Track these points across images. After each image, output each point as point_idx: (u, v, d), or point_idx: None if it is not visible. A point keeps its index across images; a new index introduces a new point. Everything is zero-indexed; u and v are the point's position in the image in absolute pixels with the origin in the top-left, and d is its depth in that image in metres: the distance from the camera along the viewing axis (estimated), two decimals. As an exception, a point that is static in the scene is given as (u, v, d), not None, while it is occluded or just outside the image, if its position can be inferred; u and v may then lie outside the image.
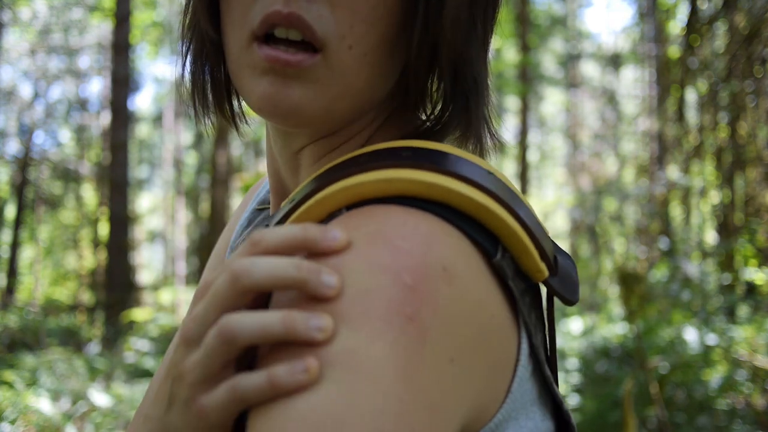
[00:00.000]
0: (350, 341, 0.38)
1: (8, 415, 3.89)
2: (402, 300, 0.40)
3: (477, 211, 0.46)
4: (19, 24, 13.49)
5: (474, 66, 0.55)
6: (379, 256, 0.41)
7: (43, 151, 15.05)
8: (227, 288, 0.41)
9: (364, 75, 0.52)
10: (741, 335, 4.09)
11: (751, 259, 5.09)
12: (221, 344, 0.40)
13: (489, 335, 0.45)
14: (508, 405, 0.47)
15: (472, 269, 0.45)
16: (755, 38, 4.62)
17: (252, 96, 0.52)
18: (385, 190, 0.47)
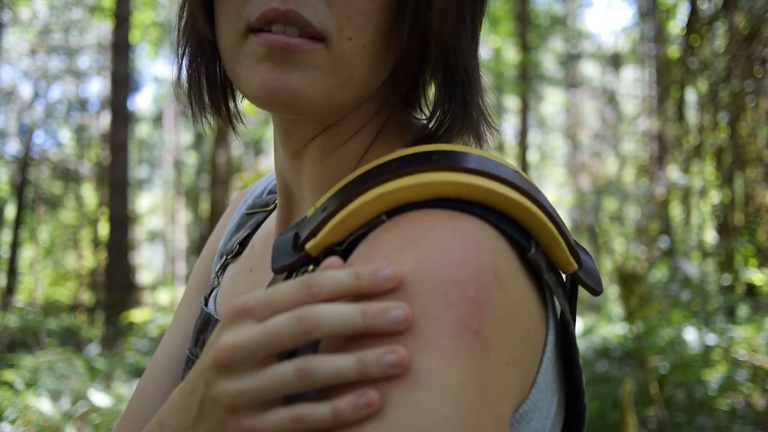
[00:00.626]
0: (425, 361, 0.40)
1: (8, 415, 3.89)
2: (469, 315, 0.41)
3: (511, 208, 0.48)
4: (19, 24, 13.49)
5: (464, 57, 0.56)
6: (443, 271, 0.43)
7: (43, 151, 15.06)
8: (294, 333, 0.42)
9: (363, 65, 0.53)
10: (741, 335, 4.09)
11: (751, 259, 5.09)
12: (299, 379, 0.41)
13: (529, 332, 0.47)
14: (534, 395, 0.49)
15: (513, 270, 0.47)
16: (755, 38, 4.62)
17: (250, 85, 0.52)
18: (423, 194, 0.47)
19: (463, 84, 0.56)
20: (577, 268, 0.53)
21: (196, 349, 0.66)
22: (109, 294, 9.35)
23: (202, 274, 0.78)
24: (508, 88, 11.06)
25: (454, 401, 0.39)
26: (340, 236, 0.49)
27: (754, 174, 5.88)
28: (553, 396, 0.52)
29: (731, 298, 5.25)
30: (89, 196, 16.28)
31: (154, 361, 0.74)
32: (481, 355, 0.41)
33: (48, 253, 16.32)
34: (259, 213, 0.75)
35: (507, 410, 0.43)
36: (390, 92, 0.60)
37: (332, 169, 0.59)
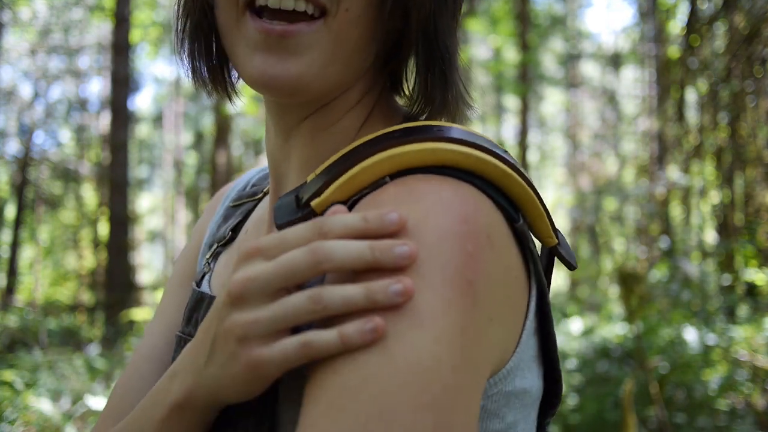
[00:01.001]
0: (426, 301, 0.43)
1: (8, 415, 3.89)
2: (466, 266, 0.45)
3: (503, 180, 0.52)
4: (19, 24, 13.49)
5: (444, 34, 0.58)
6: (447, 224, 0.46)
7: (43, 151, 15.05)
8: (307, 264, 0.44)
9: (355, 37, 0.55)
10: (741, 335, 4.09)
11: (751, 260, 5.09)
12: (311, 305, 0.44)
13: (513, 294, 0.51)
14: (517, 355, 0.52)
15: (503, 235, 0.50)
16: (755, 38, 4.62)
17: (247, 70, 0.55)
18: (426, 160, 0.51)
19: (443, 59, 0.58)
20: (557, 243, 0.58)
21: (188, 328, 0.67)
22: (109, 294, 9.35)
23: (186, 268, 0.79)
24: (508, 88, 11.06)
25: (445, 342, 0.42)
26: (345, 195, 0.52)
27: (754, 174, 5.88)
28: (534, 361, 0.56)
29: (731, 298, 5.25)
30: (89, 196, 16.28)
31: (137, 350, 0.74)
32: (471, 304, 0.44)
33: (48, 253, 16.31)
34: (247, 203, 0.77)
35: (485, 360, 0.47)
36: (377, 75, 0.62)
37: (326, 145, 0.62)
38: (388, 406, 0.40)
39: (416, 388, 0.40)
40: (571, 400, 4.27)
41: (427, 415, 0.40)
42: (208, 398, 0.49)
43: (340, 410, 0.41)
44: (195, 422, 0.51)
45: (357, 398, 0.40)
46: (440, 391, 0.41)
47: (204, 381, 0.49)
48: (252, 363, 0.45)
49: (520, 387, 0.53)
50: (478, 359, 0.45)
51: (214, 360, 0.48)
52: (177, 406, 0.51)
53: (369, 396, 0.40)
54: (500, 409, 0.52)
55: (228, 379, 0.47)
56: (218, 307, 0.48)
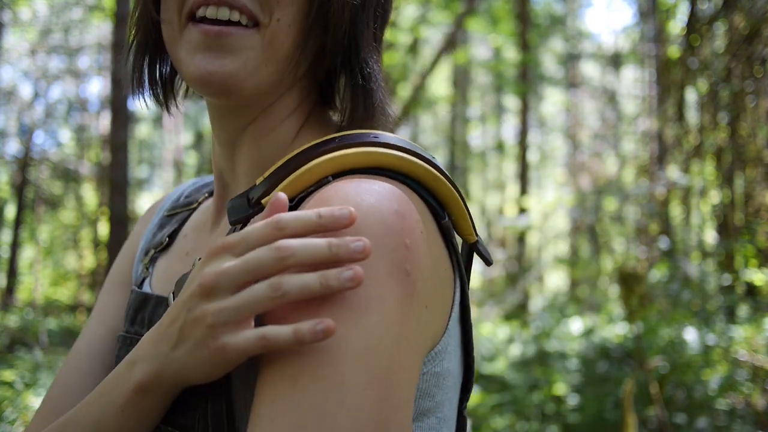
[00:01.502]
0: (372, 291, 0.48)
1: (8, 415, 3.89)
2: (404, 259, 0.50)
3: (432, 182, 0.58)
4: (19, 24, 13.48)
5: (365, 51, 0.65)
6: (389, 219, 0.51)
7: (43, 151, 15.04)
8: (273, 261, 0.49)
9: (288, 43, 0.61)
10: (741, 335, 4.09)
11: (751, 260, 5.09)
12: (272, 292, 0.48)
13: (442, 284, 0.57)
14: (444, 339, 0.58)
15: (431, 231, 0.57)
16: (755, 38, 4.61)
17: (189, 69, 0.60)
18: (364, 162, 0.57)
19: (362, 73, 0.65)
20: (477, 240, 0.65)
21: (133, 327, 0.71)
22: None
23: (122, 273, 0.83)
24: (509, 88, 11.05)
25: (389, 325, 0.48)
26: (292, 193, 0.58)
27: (754, 174, 5.88)
28: (457, 346, 0.62)
29: (731, 298, 5.25)
30: (89, 196, 16.27)
31: (75, 348, 0.77)
32: (409, 293, 0.50)
33: (48, 253, 16.31)
34: (182, 212, 0.82)
35: (421, 342, 0.53)
36: (310, 88, 0.69)
37: (266, 151, 0.67)
38: (342, 384, 0.45)
39: (364, 367, 0.46)
40: (571, 400, 4.27)
41: (374, 391, 0.46)
42: (173, 381, 0.53)
43: (303, 387, 0.46)
44: (156, 404, 0.55)
45: (316, 374, 0.46)
46: (386, 370, 0.47)
47: (170, 364, 0.52)
48: (218, 348, 0.49)
49: (446, 368, 0.59)
50: (417, 342, 0.52)
51: (183, 346, 0.51)
52: (139, 390, 0.54)
53: (326, 372, 0.46)
54: (431, 389, 0.58)
55: (194, 363, 0.51)
56: (186, 298, 0.52)
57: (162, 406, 0.55)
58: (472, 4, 7.96)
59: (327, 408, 0.44)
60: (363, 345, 0.47)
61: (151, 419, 0.56)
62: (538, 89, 17.12)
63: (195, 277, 0.53)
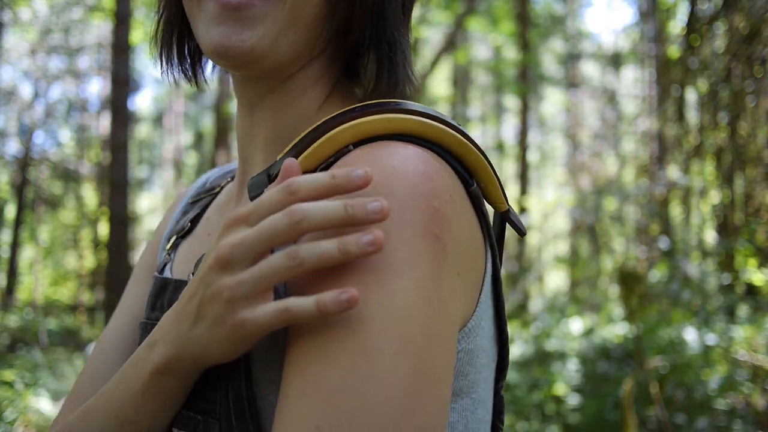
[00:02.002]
0: (400, 253, 0.46)
1: (8, 415, 3.89)
2: (433, 221, 0.48)
3: (458, 148, 0.55)
4: (19, 24, 13.48)
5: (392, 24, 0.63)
6: (416, 180, 0.49)
7: (43, 151, 15.04)
8: (286, 227, 0.47)
9: (306, 12, 0.59)
10: (741, 335, 4.09)
11: (751, 259, 5.09)
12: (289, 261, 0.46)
13: (475, 253, 0.54)
14: (478, 313, 0.55)
15: (462, 197, 0.54)
16: (755, 38, 4.61)
17: (205, 41, 0.58)
18: (386, 128, 0.54)
19: (390, 45, 0.63)
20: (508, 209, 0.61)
21: (153, 313, 0.69)
22: (109, 294, 9.34)
23: (149, 261, 0.82)
24: (509, 88, 11.05)
25: (420, 289, 0.45)
26: (312, 165, 0.55)
27: (754, 174, 5.88)
28: (491, 321, 0.59)
29: (731, 298, 5.24)
30: (89, 196, 16.27)
31: (102, 339, 0.77)
32: (440, 257, 0.48)
33: (48, 253, 16.30)
34: (205, 197, 0.80)
35: (455, 312, 0.50)
36: (334, 60, 0.66)
37: (286, 122, 0.65)
38: (370, 354, 0.43)
39: (394, 335, 0.43)
40: (571, 400, 4.27)
41: (405, 360, 0.43)
42: (193, 361, 0.51)
43: (330, 358, 0.44)
44: (176, 387, 0.53)
45: (344, 345, 0.44)
46: (418, 336, 0.44)
47: (189, 344, 0.51)
48: (237, 324, 0.47)
49: (479, 345, 0.56)
50: (452, 310, 0.48)
51: (201, 323, 0.50)
52: (157, 372, 0.52)
53: (354, 343, 0.43)
54: (464, 367, 0.55)
55: (214, 341, 0.49)
56: (203, 274, 0.50)
57: (182, 388, 0.54)
58: (472, 4, 7.96)
59: (355, 381, 0.42)
60: (391, 310, 0.44)
61: (172, 402, 0.54)
62: (538, 89, 17.12)
63: (211, 251, 0.51)
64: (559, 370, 4.64)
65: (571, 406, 4.20)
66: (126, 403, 0.54)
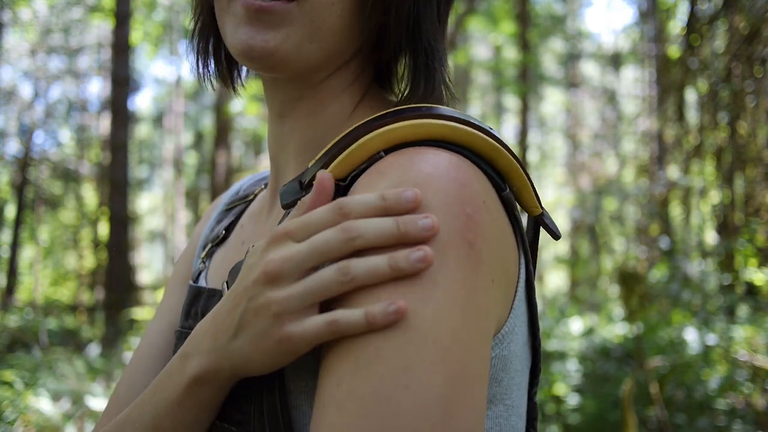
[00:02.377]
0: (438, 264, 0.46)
1: (8, 415, 3.89)
2: (467, 228, 0.48)
3: (490, 152, 0.55)
4: (19, 24, 13.48)
5: (428, 30, 0.63)
6: (447, 187, 0.49)
7: (43, 151, 15.04)
8: (340, 243, 0.48)
9: (330, 21, 0.59)
10: (741, 335, 4.09)
11: (751, 259, 5.09)
12: (340, 276, 0.47)
13: (509, 259, 0.54)
14: (512, 319, 0.55)
15: (494, 202, 0.54)
16: (755, 38, 4.61)
17: (232, 42, 0.60)
18: (417, 135, 0.54)
19: (426, 52, 0.62)
20: (542, 212, 0.61)
21: (188, 322, 0.70)
22: (109, 294, 9.34)
23: (184, 270, 0.83)
24: (509, 88, 11.05)
25: (455, 298, 0.46)
26: (344, 172, 0.55)
27: (754, 174, 5.88)
28: (524, 327, 0.59)
29: (731, 298, 5.25)
30: (89, 196, 16.27)
31: (139, 348, 0.77)
32: (474, 265, 0.48)
33: (48, 253, 16.30)
34: (239, 205, 0.81)
35: (489, 319, 0.50)
36: (365, 66, 0.67)
37: (317, 129, 0.65)
38: (407, 364, 0.43)
39: (430, 345, 0.44)
40: (571, 400, 4.27)
41: (441, 370, 0.43)
42: (231, 372, 0.52)
43: (365, 368, 0.44)
44: (212, 398, 0.53)
45: (380, 354, 0.44)
46: (453, 347, 0.44)
47: (229, 356, 0.51)
48: (284, 338, 0.48)
49: (513, 351, 0.56)
50: (486, 318, 0.48)
51: (242, 335, 0.50)
52: (194, 383, 0.53)
53: (390, 352, 0.44)
54: (498, 373, 0.55)
55: (257, 354, 0.49)
56: (246, 286, 0.50)
57: (218, 399, 0.54)
58: (472, 4, 7.95)
59: (390, 391, 0.42)
60: (426, 320, 0.44)
61: (208, 413, 0.54)
62: (538, 89, 17.12)
63: (256, 264, 0.51)
64: (559, 370, 4.64)
65: (571, 406, 4.20)
66: (161, 414, 0.54)
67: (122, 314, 8.06)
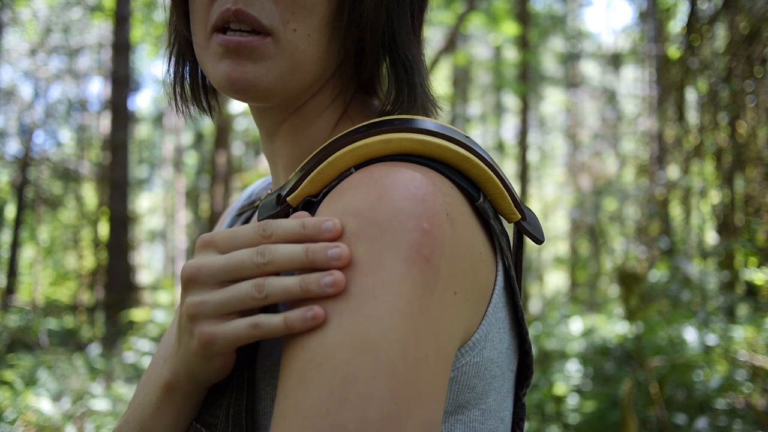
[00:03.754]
0: (379, 278, 0.47)
1: (8, 415, 3.89)
2: (422, 243, 0.48)
3: (461, 163, 0.56)
4: (19, 24, 13.47)
5: (405, 46, 0.64)
6: (401, 203, 0.50)
7: (43, 151, 15.02)
8: (253, 265, 0.50)
9: (310, 52, 0.61)
10: (741, 335, 4.09)
11: (751, 259, 5.09)
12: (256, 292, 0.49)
13: (478, 269, 0.55)
14: (484, 326, 0.56)
15: (463, 213, 0.54)
16: (755, 38, 4.61)
17: (215, 77, 0.61)
18: (385, 150, 0.55)
19: (405, 68, 0.64)
20: (521, 218, 0.61)
21: None
22: (109, 294, 9.34)
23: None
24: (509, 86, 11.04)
25: (400, 313, 0.45)
26: (316, 188, 0.58)
27: (754, 174, 5.88)
28: (504, 333, 0.59)
29: (731, 298, 5.25)
30: (89, 196, 16.27)
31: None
32: (429, 278, 0.48)
33: (48, 253, 16.30)
34: (248, 210, 0.84)
35: (453, 332, 0.50)
36: (347, 80, 0.68)
37: (302, 146, 0.68)
38: (348, 375, 0.44)
39: (371, 357, 0.44)
40: (571, 400, 4.27)
41: (383, 384, 0.43)
42: (187, 378, 0.54)
43: (308, 382, 0.45)
44: (184, 402, 0.56)
45: (321, 369, 0.45)
46: (398, 361, 0.44)
47: (179, 360, 0.54)
48: (203, 338, 0.50)
49: (488, 357, 0.56)
50: (443, 330, 0.49)
51: (181, 341, 0.53)
52: (167, 388, 0.56)
53: (331, 367, 0.44)
54: (470, 380, 0.56)
55: (193, 357, 0.52)
56: (181, 293, 0.54)
57: (190, 403, 0.57)
58: (472, 4, 7.96)
59: (331, 404, 0.43)
60: (368, 334, 0.45)
61: (183, 417, 0.57)
62: (538, 89, 17.12)
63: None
64: (559, 370, 4.64)
65: (571, 406, 4.20)
66: (147, 415, 0.58)
67: (122, 314, 8.05)
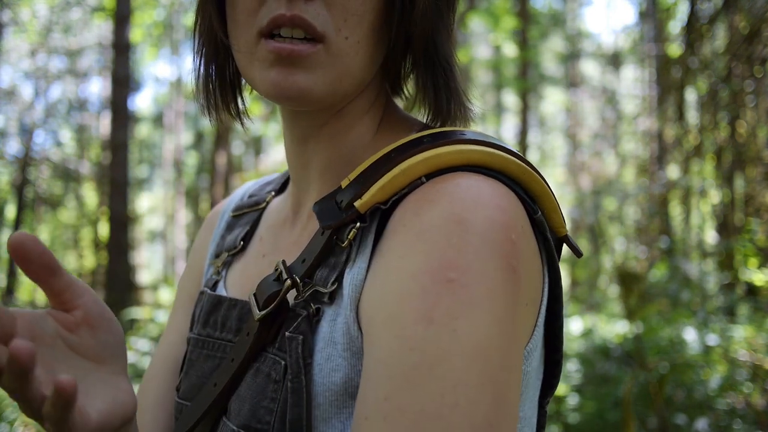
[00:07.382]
0: (482, 286, 0.48)
1: (8, 415, 3.89)
2: (511, 254, 0.51)
3: (523, 177, 0.58)
4: (19, 24, 13.47)
5: (444, 49, 0.65)
6: (494, 213, 0.51)
7: (43, 151, 15.03)
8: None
9: (359, 59, 0.61)
10: (741, 335, 4.09)
11: (751, 259, 5.09)
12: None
13: (538, 281, 0.56)
14: (535, 337, 0.57)
15: (529, 226, 0.56)
16: (755, 38, 4.61)
17: (263, 84, 0.60)
18: (456, 160, 0.56)
19: (445, 72, 0.65)
20: (567, 233, 0.64)
21: (205, 330, 0.71)
22: (109, 294, 9.33)
23: (191, 287, 0.83)
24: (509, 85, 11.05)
25: (500, 322, 0.48)
26: (385, 196, 0.57)
27: (754, 174, 5.88)
28: (540, 343, 0.60)
29: (731, 297, 5.25)
30: (89, 196, 16.27)
31: (154, 357, 0.80)
32: (515, 290, 0.50)
33: (48, 253, 16.28)
34: (250, 212, 0.81)
35: (523, 340, 0.53)
36: (381, 82, 0.68)
37: (343, 151, 0.67)
38: (458, 383, 0.45)
39: (479, 366, 0.46)
40: (571, 400, 4.26)
41: (489, 390, 0.45)
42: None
43: (415, 386, 0.46)
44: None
45: (430, 374, 0.45)
46: (498, 369, 0.47)
47: None
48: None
49: (533, 367, 0.58)
50: (522, 340, 0.52)
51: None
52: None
53: (443, 372, 0.45)
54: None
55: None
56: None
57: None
58: (472, 3, 7.96)
59: (441, 409, 0.44)
60: (475, 343, 0.46)
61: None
62: (538, 88, 17.11)
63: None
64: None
65: (571, 406, 4.20)
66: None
67: (122, 314, 8.05)
